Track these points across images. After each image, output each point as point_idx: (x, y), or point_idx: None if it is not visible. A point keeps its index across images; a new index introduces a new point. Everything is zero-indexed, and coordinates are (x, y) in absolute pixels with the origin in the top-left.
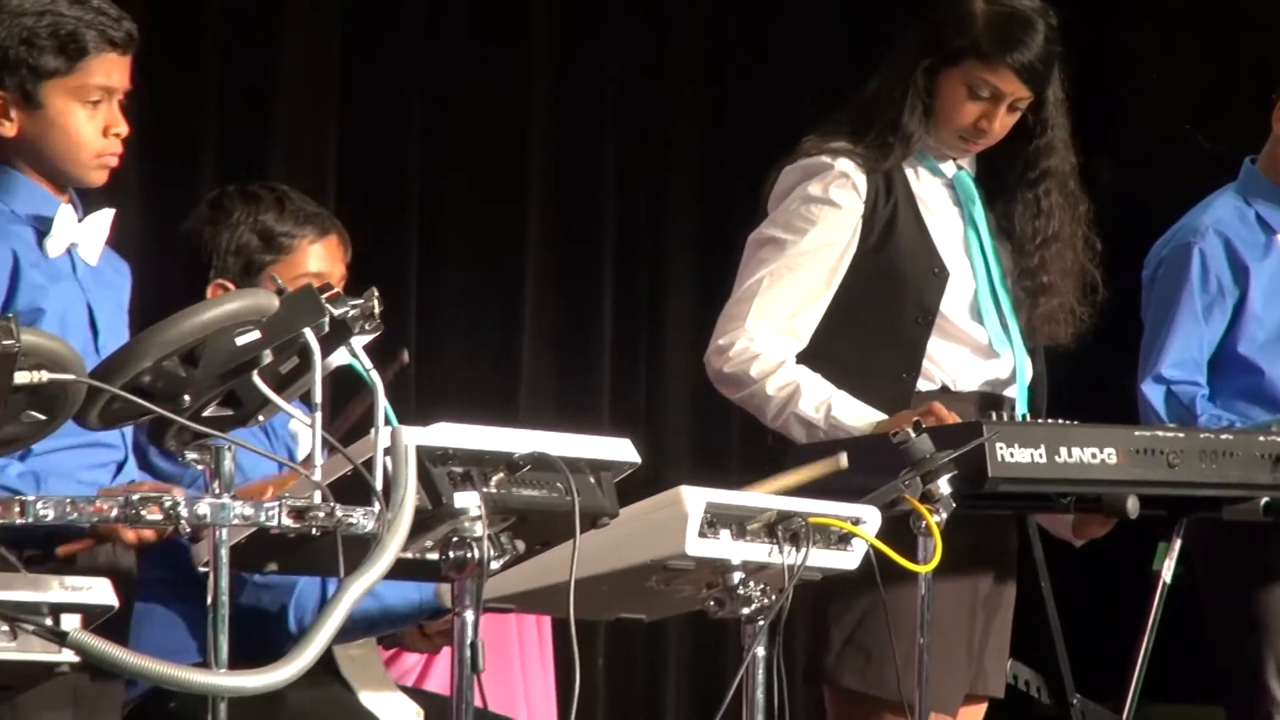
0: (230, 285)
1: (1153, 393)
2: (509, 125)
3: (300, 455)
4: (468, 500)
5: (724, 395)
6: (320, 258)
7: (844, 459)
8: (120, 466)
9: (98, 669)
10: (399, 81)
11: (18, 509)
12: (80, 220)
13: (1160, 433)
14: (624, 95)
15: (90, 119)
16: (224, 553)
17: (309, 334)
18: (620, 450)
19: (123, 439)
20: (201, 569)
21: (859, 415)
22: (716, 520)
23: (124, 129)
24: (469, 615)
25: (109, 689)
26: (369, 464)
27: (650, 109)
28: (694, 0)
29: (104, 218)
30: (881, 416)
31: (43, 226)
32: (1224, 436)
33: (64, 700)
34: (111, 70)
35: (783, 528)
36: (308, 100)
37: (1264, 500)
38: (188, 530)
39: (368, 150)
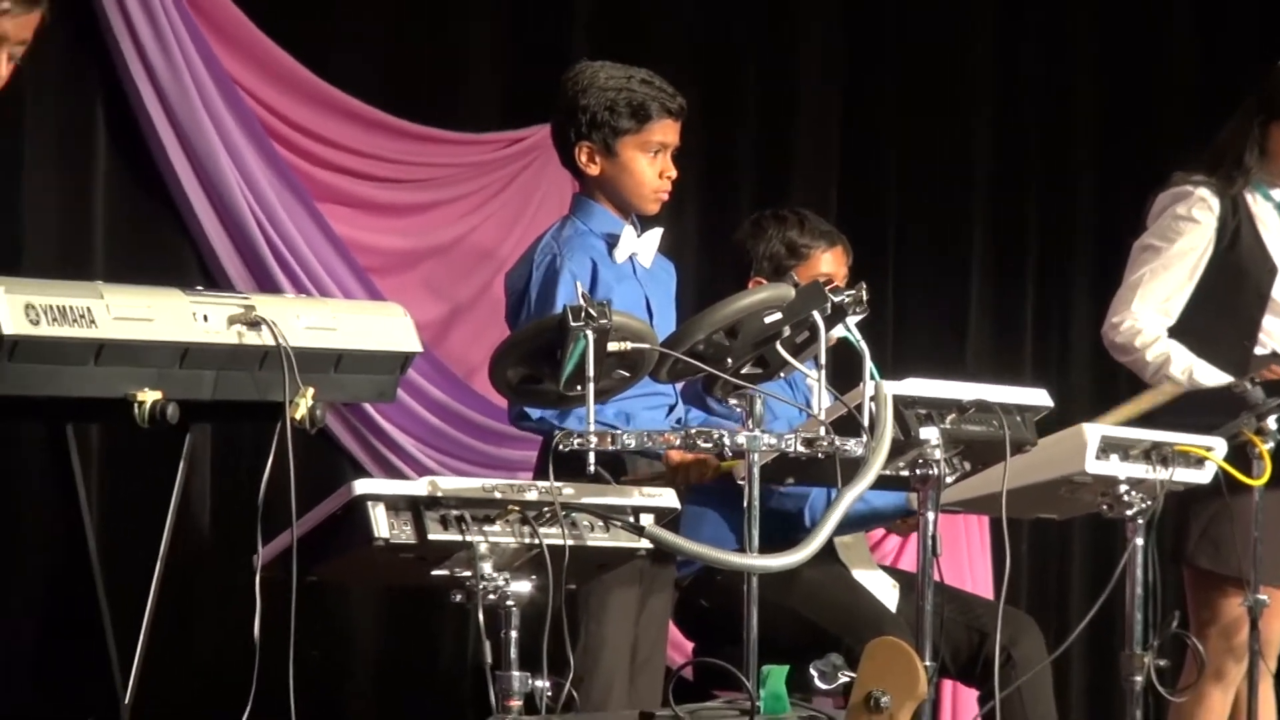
0: (763, 281)
1: None
2: (954, 142)
3: (813, 402)
4: (929, 433)
5: (1114, 358)
6: (829, 262)
7: (1168, 387)
8: (671, 409)
9: (659, 554)
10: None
11: (610, 439)
12: (639, 236)
13: None
14: (1067, 109)
15: (650, 165)
16: (755, 471)
17: (816, 315)
18: (1038, 397)
19: (672, 388)
20: (740, 482)
21: (1212, 377)
22: (1108, 447)
23: (674, 174)
24: (930, 515)
25: (666, 570)
26: (860, 408)
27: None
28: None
29: (655, 234)
30: (1228, 379)
31: (611, 241)
32: None
33: (635, 577)
34: (668, 131)
35: (1155, 453)
36: (816, 135)
37: None
38: (730, 454)
39: (858, 169)
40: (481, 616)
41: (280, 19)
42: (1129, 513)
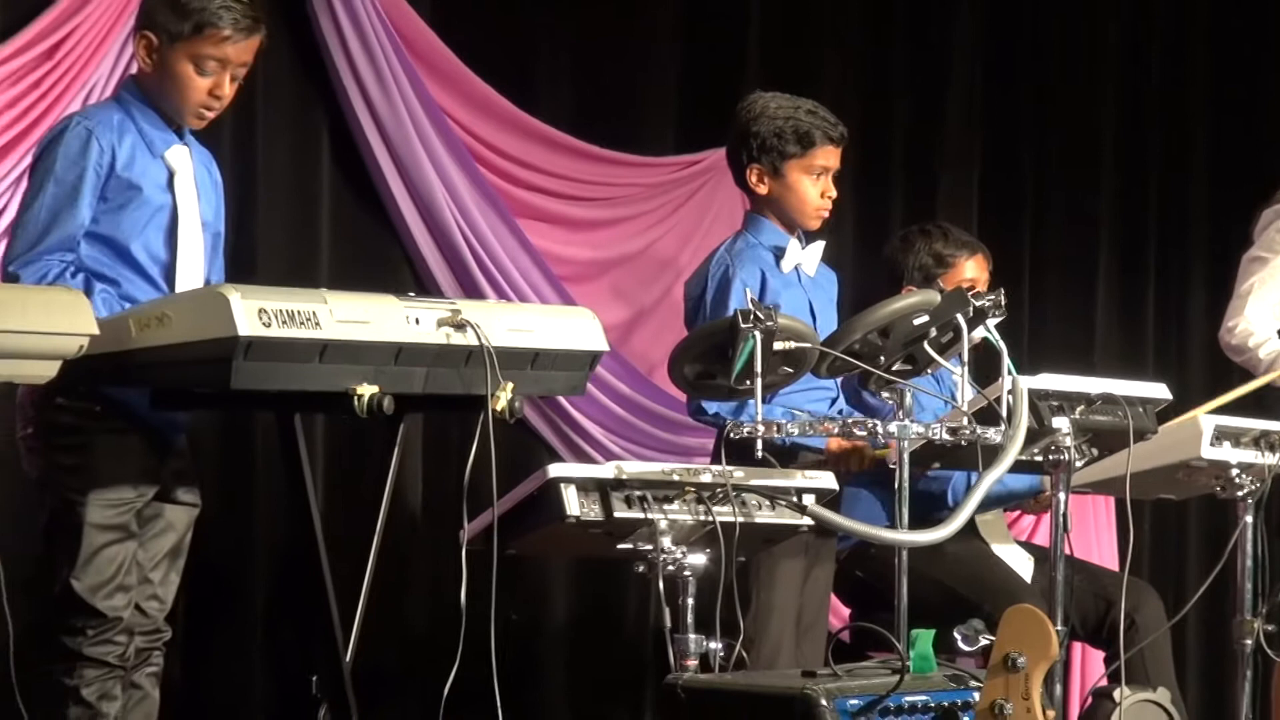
0: (912, 288)
1: None
2: (1081, 159)
3: (957, 395)
4: (1061, 423)
5: (1230, 358)
6: (971, 270)
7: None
8: (833, 401)
9: (822, 529)
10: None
11: (775, 428)
12: (803, 248)
13: None
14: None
15: (813, 186)
16: (905, 456)
17: (959, 318)
18: (1158, 390)
19: (834, 383)
20: (891, 466)
21: None
22: (1221, 435)
23: (834, 194)
24: (1061, 495)
25: (828, 543)
26: (998, 400)
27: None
28: None
29: (817, 247)
30: None
31: (779, 253)
32: None
33: (800, 549)
34: (830, 156)
35: (1264, 440)
36: (958, 155)
37: None
38: (882, 443)
39: (997, 185)
40: (661, 585)
41: (484, 56)
42: (1240, 493)
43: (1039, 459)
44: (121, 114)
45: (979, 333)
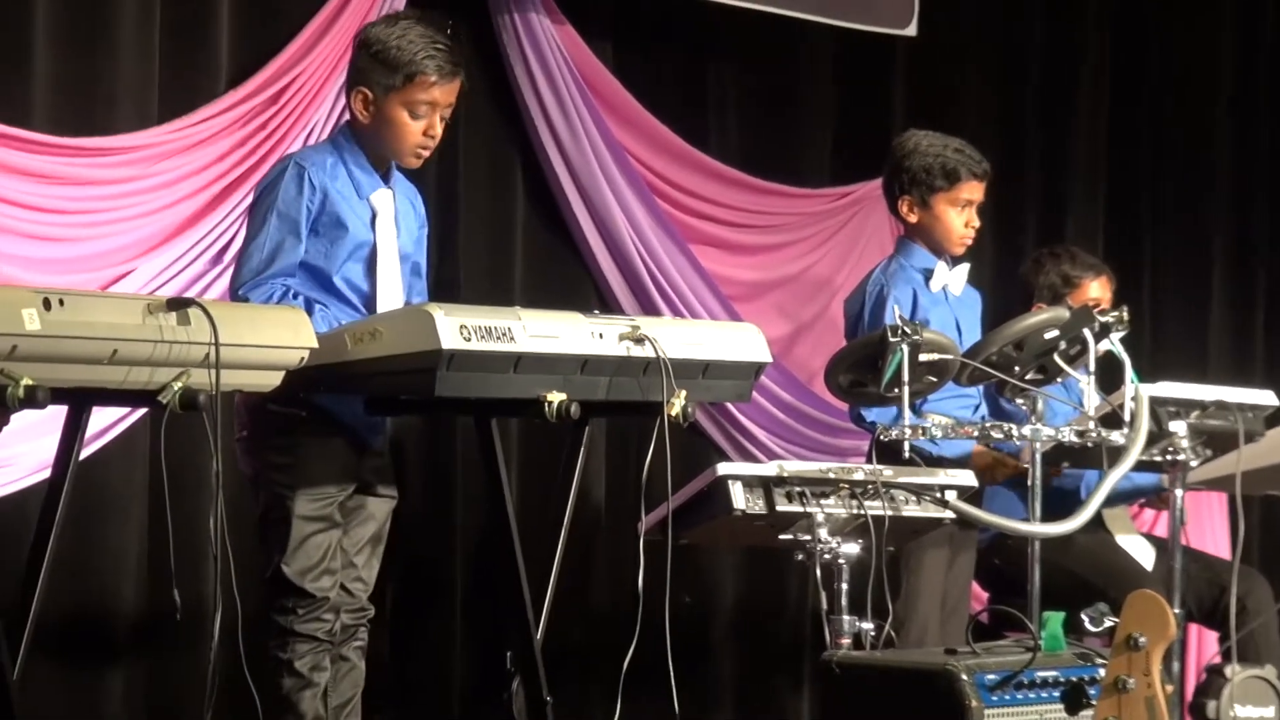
0: (1043, 306)
1: None
2: (1195, 186)
3: (1084, 402)
4: (1178, 427)
5: None
6: (1096, 289)
7: None
8: (976, 408)
9: (963, 522)
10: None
11: (921, 431)
12: (950, 270)
13: None
14: None
15: (958, 216)
16: (1038, 456)
17: (1086, 332)
18: (1266, 397)
19: (978, 391)
20: (1024, 465)
21: None
22: None
23: (978, 224)
24: (1178, 492)
25: (969, 534)
26: (1122, 406)
27: None
28: None
29: (963, 269)
30: None
31: (927, 274)
32: None
33: (945, 539)
34: (974, 190)
35: None
36: (1085, 183)
37: None
38: (1019, 445)
39: (1120, 212)
40: (818, 572)
41: (660, 98)
42: None
43: (1158, 459)
44: (334, 157)
45: (1104, 345)
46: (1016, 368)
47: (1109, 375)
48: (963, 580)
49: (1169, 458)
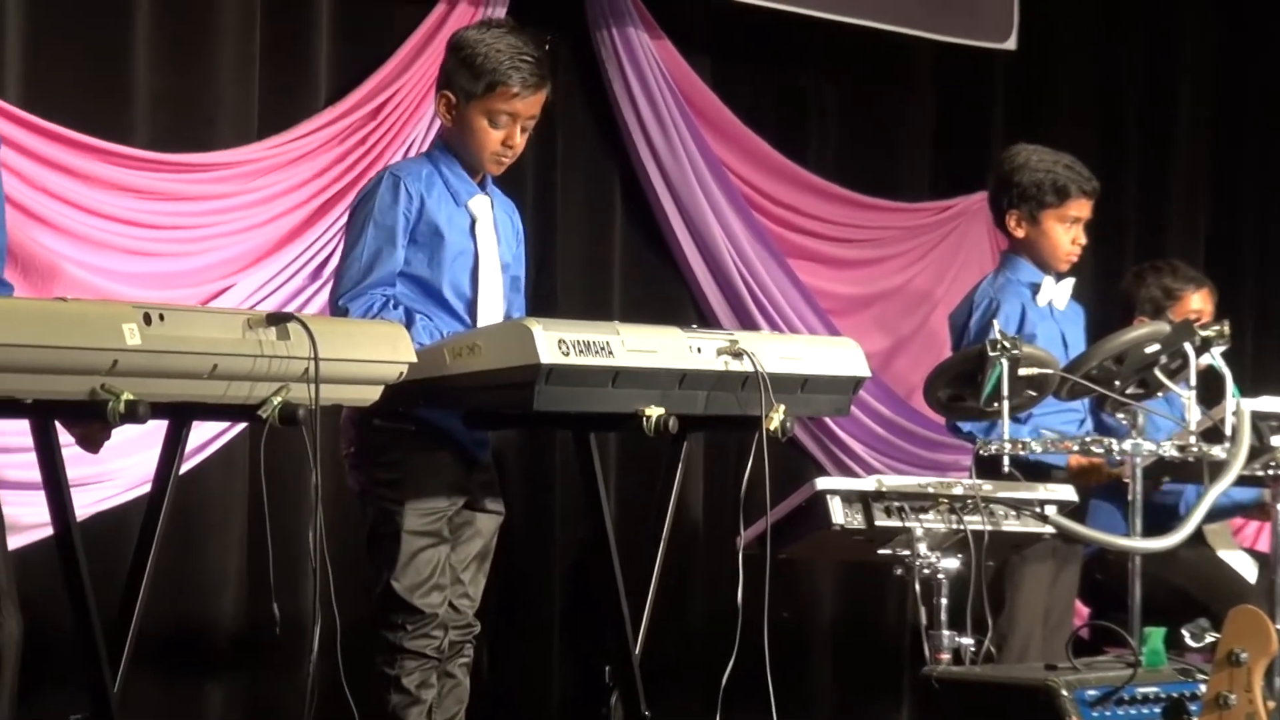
0: (1144, 320)
1: None
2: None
3: (1185, 416)
4: (1279, 441)
5: None
6: (1198, 303)
7: None
8: (1081, 422)
9: (1065, 536)
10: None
11: (1021, 445)
12: (1056, 285)
13: None
14: None
15: (1066, 233)
16: (1139, 471)
17: (1188, 347)
18: None
19: (1082, 405)
20: (1125, 480)
21: None
22: None
23: (1084, 241)
24: (1279, 506)
25: (1074, 548)
26: (1223, 421)
27: None
28: None
29: (1068, 284)
30: None
31: (1034, 289)
32: None
33: (1049, 554)
34: (1083, 208)
35: None
36: (1186, 199)
37: None
38: (1119, 459)
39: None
40: (918, 587)
41: (758, 113)
42: None
43: (1260, 473)
44: (430, 168)
45: (1205, 359)
46: (1117, 382)
47: (1210, 389)
48: (1067, 596)
49: (1270, 472)
